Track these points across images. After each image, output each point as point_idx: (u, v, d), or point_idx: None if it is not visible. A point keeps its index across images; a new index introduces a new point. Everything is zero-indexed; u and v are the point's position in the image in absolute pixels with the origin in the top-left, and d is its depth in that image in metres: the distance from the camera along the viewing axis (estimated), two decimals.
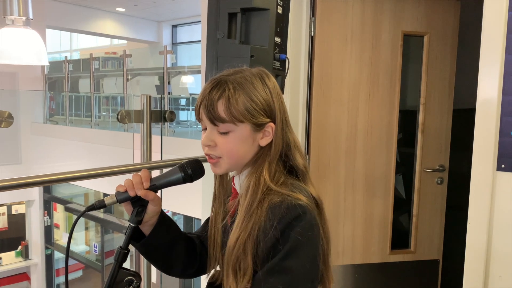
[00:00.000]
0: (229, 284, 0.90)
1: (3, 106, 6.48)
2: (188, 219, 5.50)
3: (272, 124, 0.92)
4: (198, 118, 0.94)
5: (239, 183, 0.97)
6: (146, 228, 0.96)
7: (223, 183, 1.03)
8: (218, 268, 1.04)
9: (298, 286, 0.85)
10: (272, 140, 0.92)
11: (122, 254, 0.90)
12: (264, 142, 0.93)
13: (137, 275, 0.90)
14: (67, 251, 0.94)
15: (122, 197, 0.91)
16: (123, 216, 5.92)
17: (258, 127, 0.91)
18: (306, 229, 0.85)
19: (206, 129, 0.93)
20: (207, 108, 0.89)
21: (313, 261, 0.88)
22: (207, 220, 1.10)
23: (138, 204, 0.92)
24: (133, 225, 0.92)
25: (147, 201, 0.92)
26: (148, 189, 0.91)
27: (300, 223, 0.85)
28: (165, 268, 1.04)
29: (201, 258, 1.06)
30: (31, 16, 2.11)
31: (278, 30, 1.46)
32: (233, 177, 1.00)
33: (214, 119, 0.89)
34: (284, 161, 0.95)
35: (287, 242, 0.84)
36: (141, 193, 0.90)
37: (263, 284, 0.84)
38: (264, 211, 0.87)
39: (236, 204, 0.96)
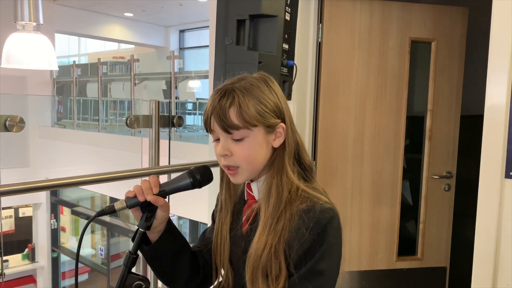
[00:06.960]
0: None
1: (12, 110, 6.54)
2: (194, 224, 5.51)
3: (282, 124, 0.93)
4: (209, 129, 0.93)
5: (258, 188, 0.97)
6: (153, 235, 0.97)
7: (230, 192, 1.02)
8: (221, 278, 1.04)
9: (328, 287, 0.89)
10: (285, 140, 0.94)
11: (131, 259, 0.91)
12: (277, 143, 0.94)
13: (145, 279, 0.91)
14: (77, 258, 0.95)
15: (132, 202, 0.92)
16: (129, 219, 5.95)
17: (270, 128, 0.92)
18: (337, 231, 0.90)
19: (218, 139, 0.93)
20: (219, 117, 0.89)
21: (339, 261, 0.92)
22: (204, 232, 1.11)
23: (147, 209, 0.93)
24: (142, 230, 0.93)
25: (156, 207, 0.93)
26: (157, 194, 0.92)
27: (332, 225, 0.88)
28: (168, 279, 1.04)
29: (204, 272, 1.06)
30: (41, 22, 2.13)
31: (286, 36, 1.47)
32: (248, 183, 0.99)
33: (228, 127, 0.89)
34: (297, 160, 0.96)
35: (322, 245, 0.87)
36: (150, 198, 0.91)
37: (298, 287, 0.87)
38: (296, 215, 0.88)
39: (256, 209, 0.96)
